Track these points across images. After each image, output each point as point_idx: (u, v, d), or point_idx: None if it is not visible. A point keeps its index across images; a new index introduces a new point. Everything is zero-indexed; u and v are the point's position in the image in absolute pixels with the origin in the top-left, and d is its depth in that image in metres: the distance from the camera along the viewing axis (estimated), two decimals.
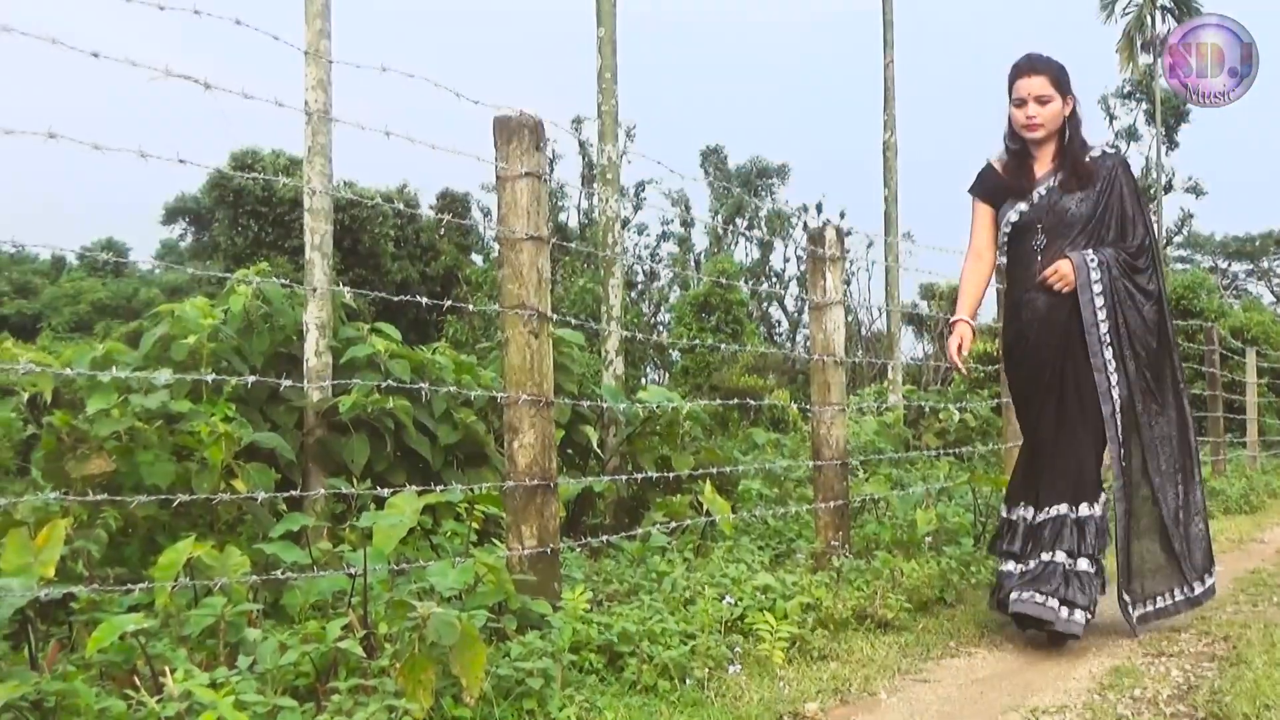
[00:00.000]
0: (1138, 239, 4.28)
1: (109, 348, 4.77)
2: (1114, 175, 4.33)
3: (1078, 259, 4.21)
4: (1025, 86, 4.30)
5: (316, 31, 5.19)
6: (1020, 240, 4.38)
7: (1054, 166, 4.36)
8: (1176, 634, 4.16)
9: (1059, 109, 4.31)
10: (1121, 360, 4.19)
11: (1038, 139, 4.34)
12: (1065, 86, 4.34)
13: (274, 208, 34.23)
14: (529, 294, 3.56)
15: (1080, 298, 4.20)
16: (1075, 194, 4.29)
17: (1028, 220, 4.34)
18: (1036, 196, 4.34)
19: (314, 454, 4.94)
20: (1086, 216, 4.27)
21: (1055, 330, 4.26)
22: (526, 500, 3.54)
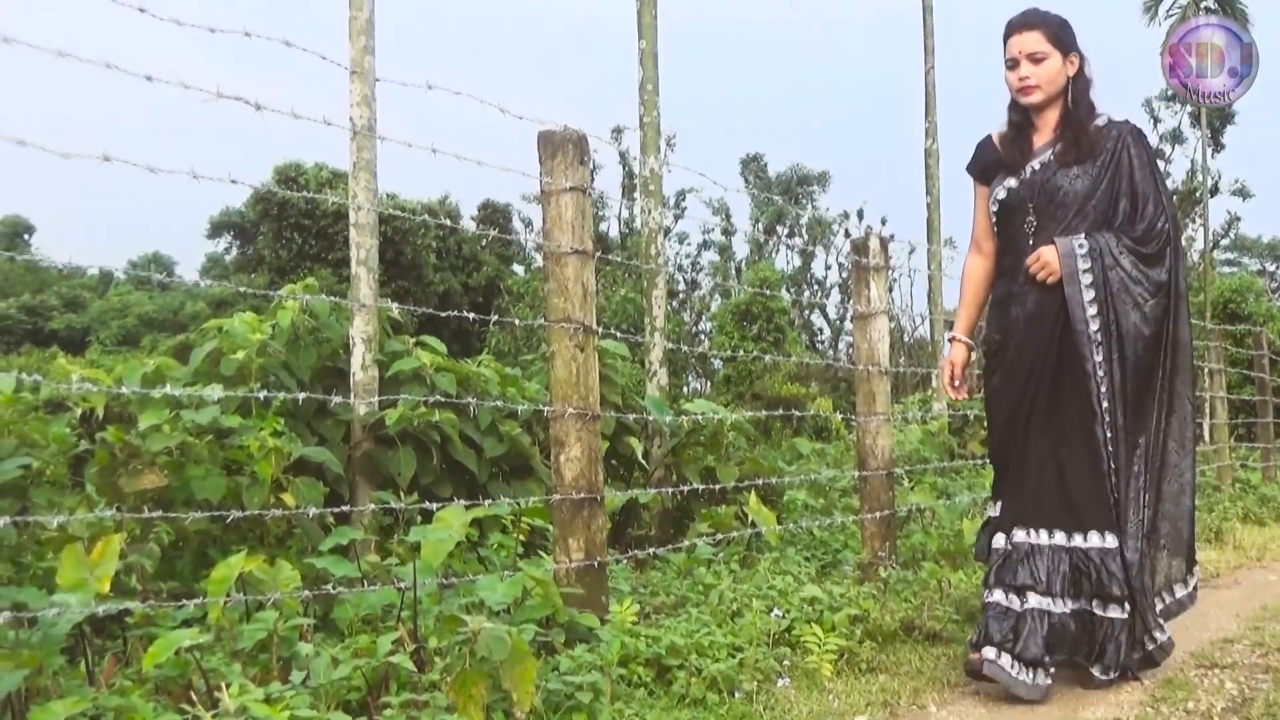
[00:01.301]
0: (1147, 221, 3.62)
1: (159, 363, 4.83)
2: (1121, 147, 3.67)
3: (1065, 245, 3.60)
4: (1017, 44, 3.70)
5: (360, 48, 5.24)
6: (1009, 223, 3.78)
7: (1054, 137, 3.74)
8: (1229, 645, 4.11)
9: (1058, 68, 3.69)
10: (1110, 365, 3.57)
11: (1035, 104, 3.72)
12: (1066, 43, 3.71)
13: (317, 221, 34.57)
14: (574, 308, 3.58)
15: (1066, 291, 3.58)
16: (1072, 168, 3.67)
17: (1016, 198, 3.74)
18: (1029, 171, 3.73)
19: (361, 467, 4.98)
20: (1084, 194, 3.65)
21: (1044, 330, 3.67)
22: (573, 513, 3.56)
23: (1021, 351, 3.72)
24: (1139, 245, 3.60)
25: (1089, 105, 3.73)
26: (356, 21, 5.24)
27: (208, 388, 4.43)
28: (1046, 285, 3.63)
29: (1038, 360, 3.68)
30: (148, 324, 35.61)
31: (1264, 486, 10.21)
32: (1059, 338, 3.64)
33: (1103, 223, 3.64)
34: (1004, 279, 3.82)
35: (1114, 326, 3.58)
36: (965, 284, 3.98)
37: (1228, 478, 10.00)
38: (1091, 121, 3.71)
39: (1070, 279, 3.58)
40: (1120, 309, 3.58)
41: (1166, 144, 36.11)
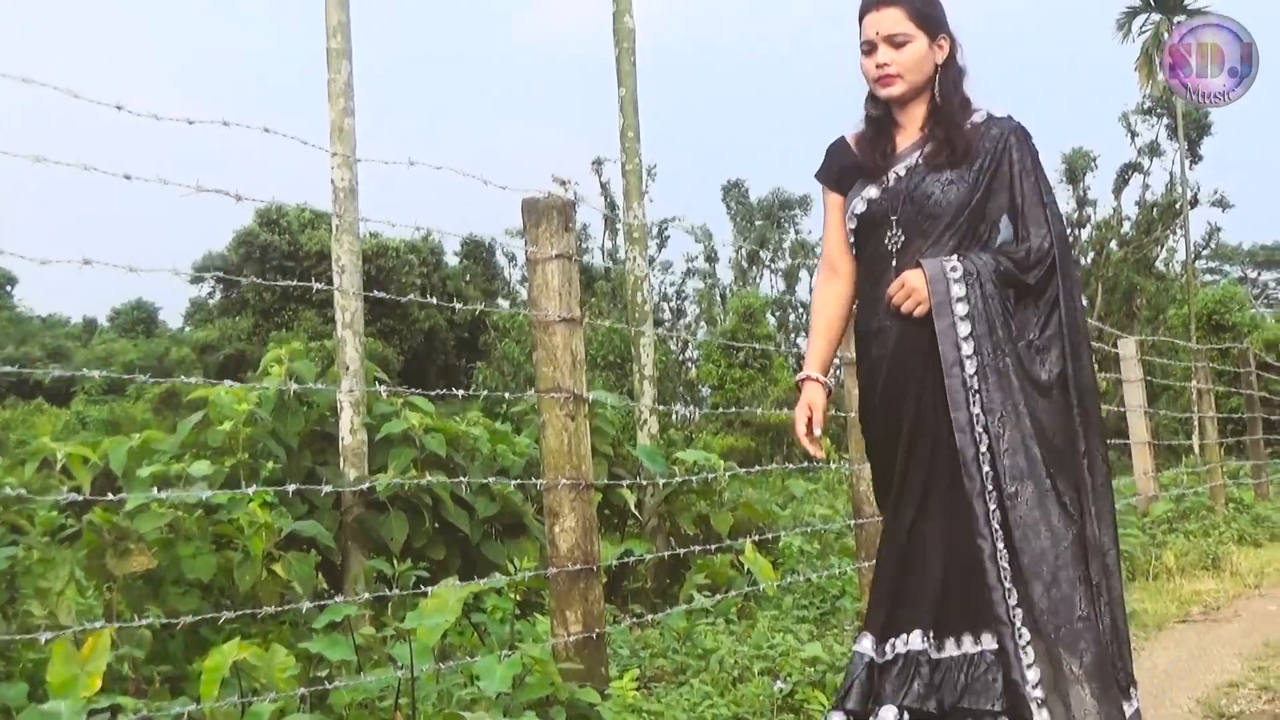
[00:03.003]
0: (1032, 240, 2.91)
1: (145, 437, 4.77)
2: (1003, 149, 2.97)
3: (934, 268, 2.87)
4: (873, 24, 2.98)
5: (340, 110, 5.23)
6: (869, 240, 3.03)
7: (922, 136, 3.02)
8: (1235, 690, 4.07)
9: (923, 53, 2.97)
10: (1004, 414, 2.81)
11: (897, 96, 3.00)
12: (934, 22, 3.00)
13: (300, 262, 34.54)
14: (564, 376, 3.55)
15: (936, 325, 2.86)
16: (944, 172, 2.95)
17: (879, 210, 2.99)
18: (893, 177, 2.99)
19: (353, 533, 4.94)
20: (959, 204, 2.93)
21: (912, 372, 2.93)
22: (570, 585, 3.51)
23: (886, 402, 2.99)
24: (1020, 270, 2.89)
25: (963, 98, 3.03)
26: (335, 84, 5.23)
27: (195, 464, 4.41)
28: (913, 318, 2.90)
29: (904, 413, 2.94)
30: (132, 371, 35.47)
31: (1258, 505, 10.21)
32: (929, 384, 2.89)
33: (976, 240, 2.95)
34: (865, 309, 3.06)
35: (995, 366, 2.85)
36: (816, 312, 3.18)
37: (1220, 498, 9.99)
38: (966, 117, 3.01)
39: (941, 309, 2.85)
40: (1004, 346, 2.88)
41: (1145, 157, 36.31)
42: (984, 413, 2.81)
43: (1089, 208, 36.91)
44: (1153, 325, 33.39)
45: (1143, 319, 34.45)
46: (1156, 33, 31.65)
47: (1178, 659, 4.62)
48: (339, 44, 5.23)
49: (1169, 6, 31.68)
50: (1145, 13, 32.17)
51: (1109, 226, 36.62)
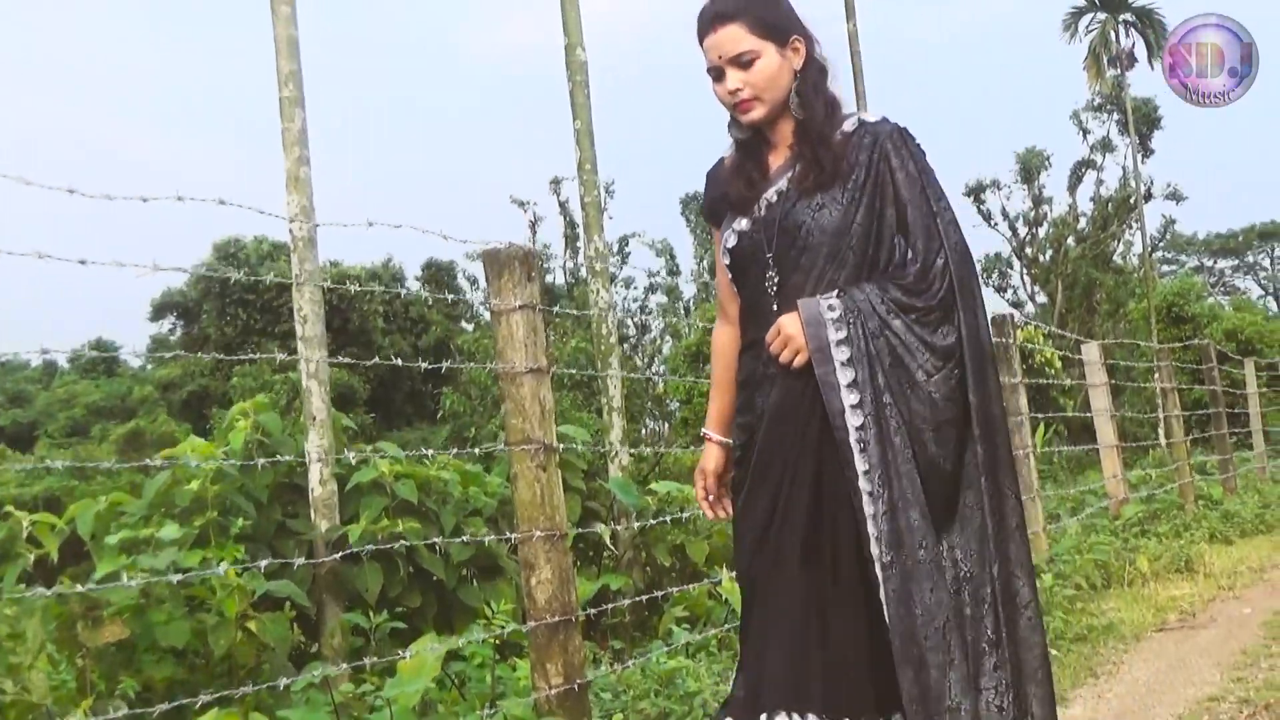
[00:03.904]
0: (925, 257, 2.53)
1: (112, 500, 4.72)
2: (880, 157, 2.59)
3: (809, 310, 2.53)
4: (713, 47, 2.61)
5: (295, 159, 5.20)
6: (747, 279, 2.69)
7: (791, 156, 2.65)
8: (1216, 704, 4.08)
9: (776, 66, 2.59)
10: (887, 472, 2.46)
11: (759, 119, 2.63)
12: (781, 27, 2.61)
13: (261, 295, 34.31)
14: (533, 428, 3.53)
15: (817, 373, 2.51)
16: (815, 196, 2.58)
17: (749, 246, 2.65)
18: (763, 206, 2.64)
19: (327, 585, 4.90)
20: (836, 230, 2.56)
21: (794, 428, 2.58)
22: (549, 638, 3.49)
23: (767, 458, 2.62)
24: (912, 296, 2.52)
25: (828, 102, 2.65)
26: (289, 133, 5.21)
27: (164, 528, 4.36)
28: (796, 369, 2.56)
29: (787, 471, 2.58)
30: (96, 412, 35.14)
31: (1227, 501, 10.29)
32: (815, 438, 2.55)
33: (868, 267, 2.57)
34: (746, 356, 2.72)
35: (888, 417, 2.49)
36: (714, 363, 2.88)
37: (1190, 495, 10.06)
38: (835, 127, 2.63)
39: (820, 356, 2.51)
40: (896, 390, 2.49)
41: (1097, 154, 36.66)
42: (878, 465, 2.46)
43: (1045, 206, 37.21)
44: (1113, 319, 33.70)
45: (1103, 313, 34.74)
46: (1103, 31, 32.00)
47: (1157, 671, 4.64)
48: (291, 92, 5.20)
49: (1115, 5, 32.01)
50: (1091, 12, 32.49)
51: (1065, 224, 36.93)
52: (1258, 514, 9.61)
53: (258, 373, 32.99)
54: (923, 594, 2.41)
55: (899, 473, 2.45)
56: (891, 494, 2.44)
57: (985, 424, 2.51)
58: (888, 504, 2.44)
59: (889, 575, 2.41)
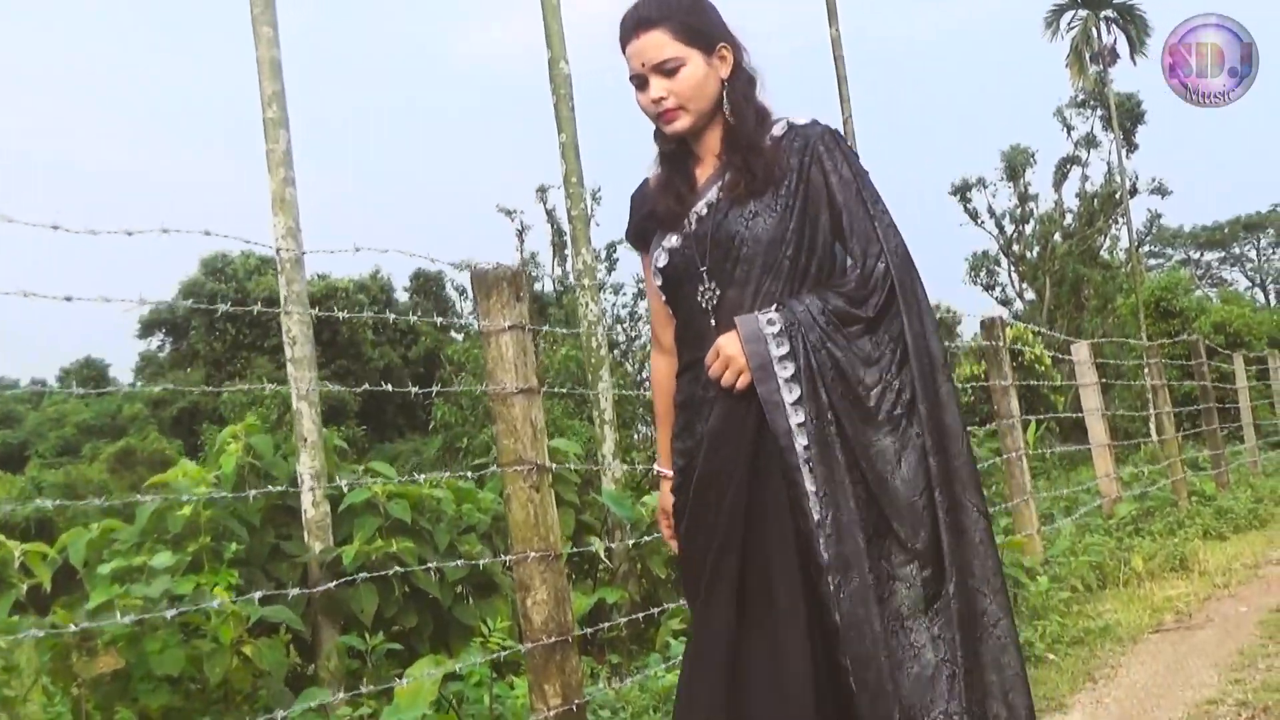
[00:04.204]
0: (865, 263, 2.43)
1: (104, 527, 4.71)
2: (811, 160, 2.48)
3: (748, 326, 2.42)
4: (637, 54, 2.49)
5: (280, 180, 5.19)
6: (681, 299, 2.57)
7: (720, 166, 2.54)
8: (1214, 708, 4.08)
9: (702, 74, 2.48)
10: (834, 492, 2.34)
11: (685, 129, 2.52)
12: (707, 33, 2.50)
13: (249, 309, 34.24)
14: (525, 448, 3.51)
15: (759, 392, 2.39)
16: (747, 205, 2.47)
17: (682, 261, 2.53)
18: (694, 219, 2.53)
19: (323, 607, 4.88)
20: (772, 239, 2.45)
21: (736, 452, 2.45)
22: (546, 659, 3.48)
23: (706, 483, 2.49)
24: (854, 305, 2.41)
25: (758, 110, 2.55)
26: (274, 154, 5.20)
27: (157, 555, 4.35)
28: (736, 390, 2.44)
29: (728, 496, 2.44)
30: (87, 431, 35.05)
31: (1220, 497, 10.31)
32: (759, 461, 2.43)
33: (806, 277, 2.47)
34: (684, 378, 2.60)
35: (836, 435, 2.37)
36: (656, 396, 2.74)
37: (1183, 492, 10.08)
38: (765, 133, 2.52)
39: (762, 374, 2.39)
40: (841, 406, 2.37)
41: (1082, 150, 36.77)
42: (825, 487, 2.34)
43: (1031, 203, 37.30)
44: (1102, 315, 33.76)
45: (1092, 309, 34.80)
46: (1085, 28, 32.10)
47: (1155, 674, 4.64)
48: (275, 114, 5.20)
49: (1096, 2, 32.11)
50: (1072, 9, 32.59)
51: (1052, 220, 37.03)
52: (1251, 509, 9.62)
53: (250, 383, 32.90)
54: (872, 619, 2.29)
55: (846, 493, 2.34)
56: (839, 516, 2.33)
57: (936, 434, 2.40)
58: (834, 527, 2.33)
59: (840, 600, 2.30)
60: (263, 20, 5.14)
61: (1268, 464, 14.56)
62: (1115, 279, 34.99)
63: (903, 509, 2.36)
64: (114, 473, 28.93)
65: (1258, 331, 27.37)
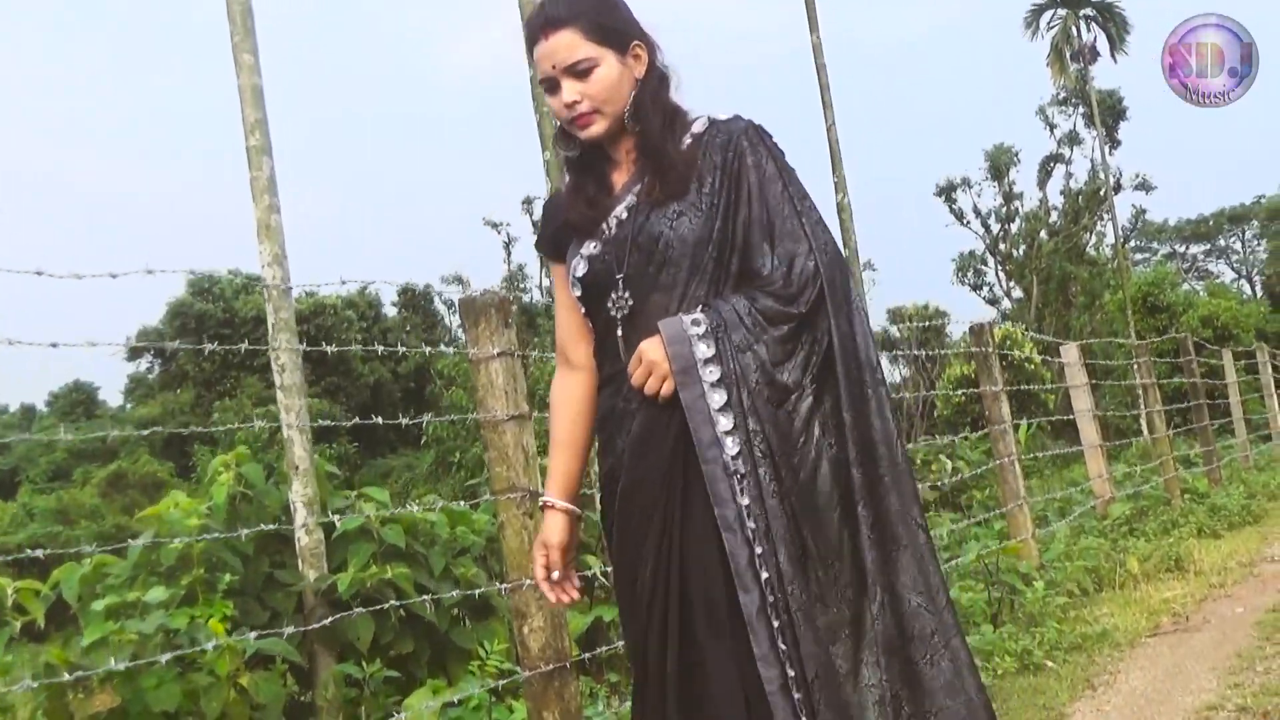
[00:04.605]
0: (794, 262, 2.29)
1: (97, 562, 4.68)
2: (735, 156, 2.36)
3: (671, 328, 2.26)
4: (547, 55, 2.34)
5: (265, 208, 5.17)
6: (599, 309, 2.41)
7: (637, 168, 2.40)
8: (1214, 712, 4.09)
9: (616, 74, 2.34)
10: (765, 508, 2.19)
11: (600, 134, 2.36)
12: (620, 32, 2.37)
13: (238, 329, 34.21)
14: (518, 475, 3.51)
15: (683, 398, 2.23)
16: (669, 205, 2.33)
17: (602, 269, 2.38)
18: (613, 224, 2.38)
19: (318, 636, 4.85)
20: (697, 239, 2.31)
21: (659, 464, 2.30)
22: (544, 686, 3.47)
23: (631, 502, 2.34)
24: (783, 303, 2.27)
25: (673, 111, 2.42)
26: (257, 181, 5.18)
27: (151, 591, 4.33)
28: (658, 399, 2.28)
29: (655, 513, 2.29)
30: (77, 455, 34.90)
31: (1213, 494, 10.32)
32: (684, 473, 2.27)
33: (731, 278, 2.33)
34: (605, 392, 2.44)
35: (762, 444, 2.21)
36: (553, 418, 2.54)
37: (1176, 490, 10.10)
38: (682, 132, 2.41)
39: (687, 378, 2.23)
40: (765, 414, 2.23)
41: (1065, 147, 36.89)
42: (757, 501, 2.19)
43: (1016, 202, 37.40)
44: (1090, 311, 33.85)
45: (1079, 306, 34.90)
46: (1064, 27, 32.22)
47: (1154, 679, 4.64)
48: (258, 141, 5.18)
49: (1075, 1, 32.23)
50: (1052, 8, 32.70)
51: (1037, 218, 37.14)
52: (1244, 505, 9.64)
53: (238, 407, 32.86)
54: (805, 642, 2.15)
55: (775, 508, 2.19)
56: (771, 531, 2.17)
57: (861, 444, 2.23)
58: (767, 543, 2.17)
59: (771, 620, 2.16)
60: (243, 48, 5.12)
61: (1259, 458, 14.60)
62: (1102, 275, 35.11)
63: (824, 523, 2.21)
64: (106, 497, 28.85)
65: (1245, 324, 27.51)
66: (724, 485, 2.20)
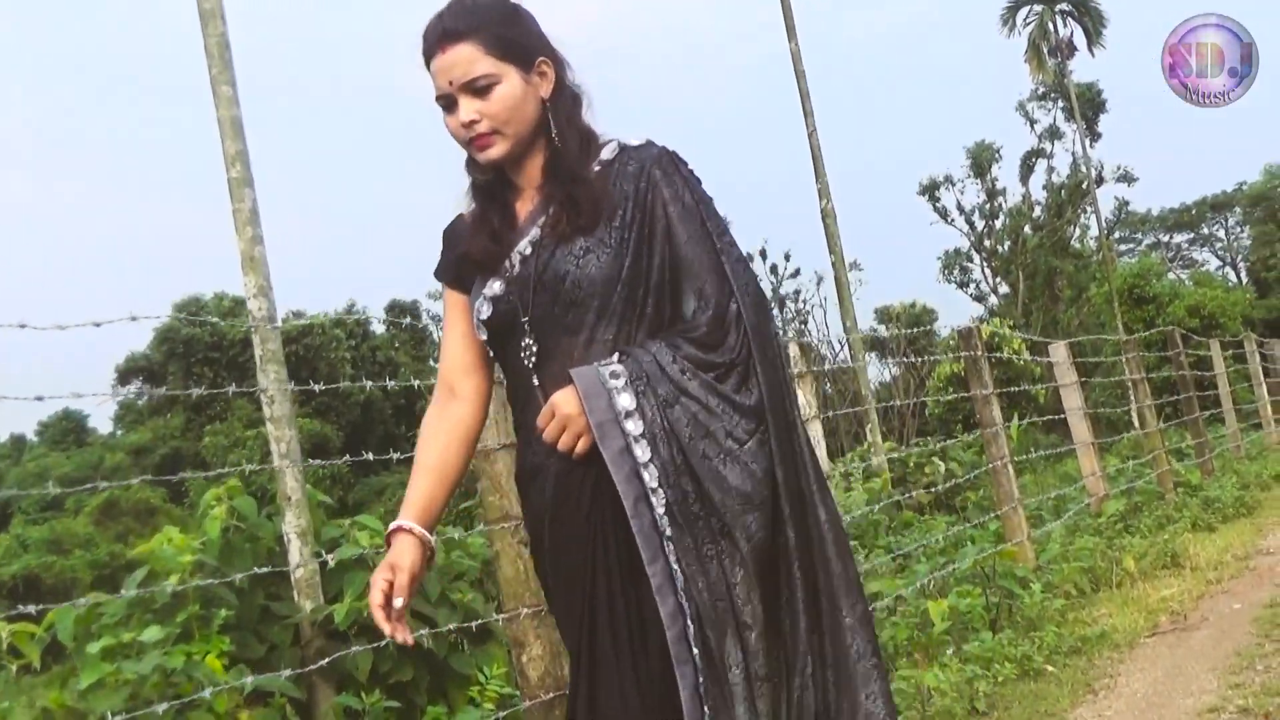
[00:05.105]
0: (713, 305, 2.11)
1: (92, 601, 4.65)
2: (649, 187, 2.16)
3: (586, 378, 2.07)
4: (442, 71, 2.15)
5: (249, 239, 5.17)
6: (508, 355, 2.24)
7: (542, 199, 2.20)
8: (1216, 715, 4.09)
9: (519, 92, 2.15)
10: (697, 567, 2.02)
11: (500, 157, 2.18)
12: (522, 47, 2.17)
13: (226, 351, 34.18)
14: (511, 503, 3.50)
15: (604, 453, 2.05)
16: (576, 242, 2.14)
17: (508, 311, 2.19)
18: (517, 261, 2.19)
19: (317, 668, 4.84)
20: (605, 280, 2.12)
21: (579, 523, 2.14)
22: (545, 714, 3.46)
23: (556, 563, 2.20)
24: (708, 351, 2.09)
25: (583, 134, 2.23)
26: (240, 213, 5.18)
27: (146, 630, 4.31)
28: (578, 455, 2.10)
29: (581, 575, 2.13)
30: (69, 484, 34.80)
31: (1206, 486, 10.35)
32: (608, 532, 2.10)
33: (644, 321, 2.14)
34: (520, 444, 2.31)
35: (695, 499, 2.04)
36: (422, 442, 2.31)
37: (1169, 483, 10.12)
38: (592, 159, 2.21)
39: (606, 432, 2.05)
40: (701, 468, 2.04)
41: (1046, 142, 37.01)
42: (687, 558, 2.02)
43: (999, 198, 37.51)
44: (1076, 305, 33.95)
45: (1066, 299, 35.00)
46: (1041, 23, 32.33)
47: (1154, 681, 4.64)
48: (239, 172, 5.17)
49: None
50: (1028, 4, 32.82)
51: (1021, 214, 37.24)
52: (1237, 496, 9.65)
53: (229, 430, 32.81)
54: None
55: (711, 573, 2.02)
56: (703, 601, 2.01)
57: (794, 500, 2.08)
58: (697, 617, 2.01)
59: (705, 698, 2.01)
60: (221, 80, 5.12)
61: (1250, 447, 14.64)
62: (1088, 268, 35.22)
63: (761, 587, 2.05)
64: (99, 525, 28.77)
65: (1231, 312, 27.60)
66: (654, 543, 2.04)
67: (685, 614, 2.01)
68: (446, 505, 2.30)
